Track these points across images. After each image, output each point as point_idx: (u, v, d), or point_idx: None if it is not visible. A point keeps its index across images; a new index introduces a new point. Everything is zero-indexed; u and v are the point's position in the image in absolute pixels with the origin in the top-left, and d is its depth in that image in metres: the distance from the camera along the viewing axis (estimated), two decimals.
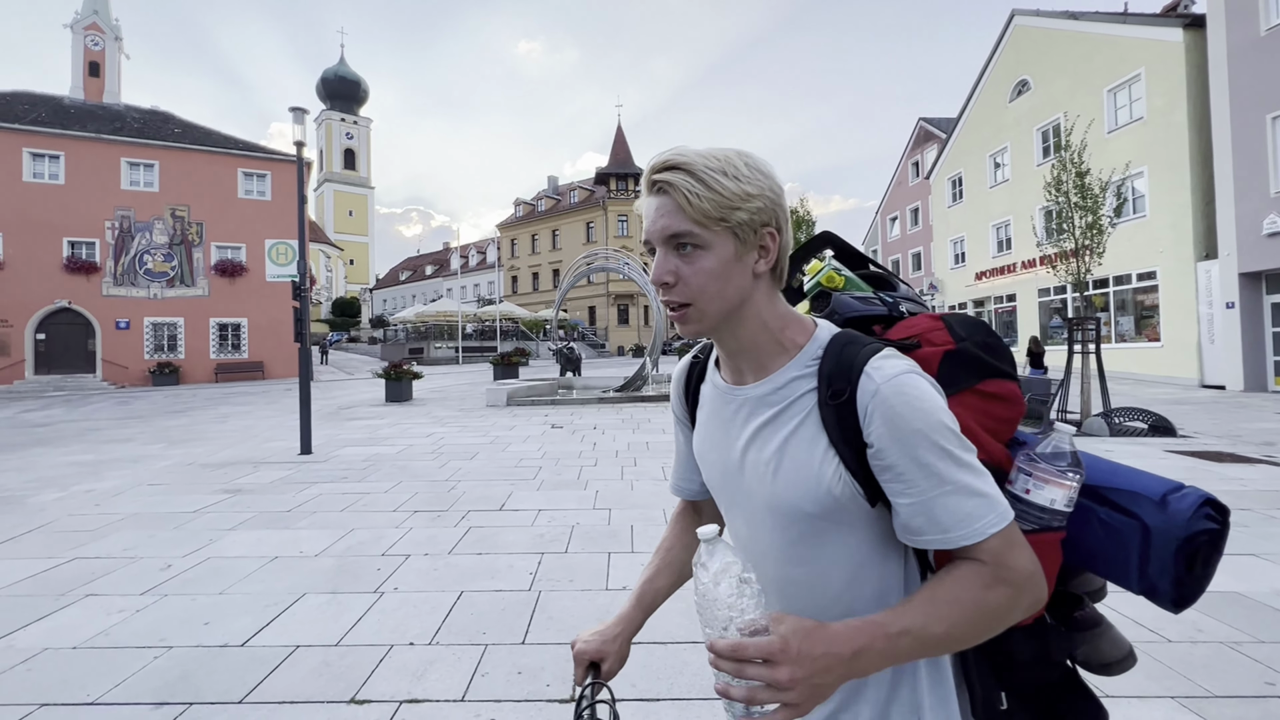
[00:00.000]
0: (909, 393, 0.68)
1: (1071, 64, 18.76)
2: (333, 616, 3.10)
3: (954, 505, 0.67)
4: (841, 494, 0.72)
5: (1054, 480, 0.72)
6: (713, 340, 0.82)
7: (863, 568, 0.76)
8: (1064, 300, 19.48)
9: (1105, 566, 0.76)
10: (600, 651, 0.91)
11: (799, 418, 0.75)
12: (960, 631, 0.67)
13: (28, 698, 2.41)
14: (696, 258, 0.72)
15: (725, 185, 0.70)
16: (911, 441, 0.67)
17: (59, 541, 4.35)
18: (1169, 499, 0.72)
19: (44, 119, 24.44)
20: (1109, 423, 8.35)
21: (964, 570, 0.68)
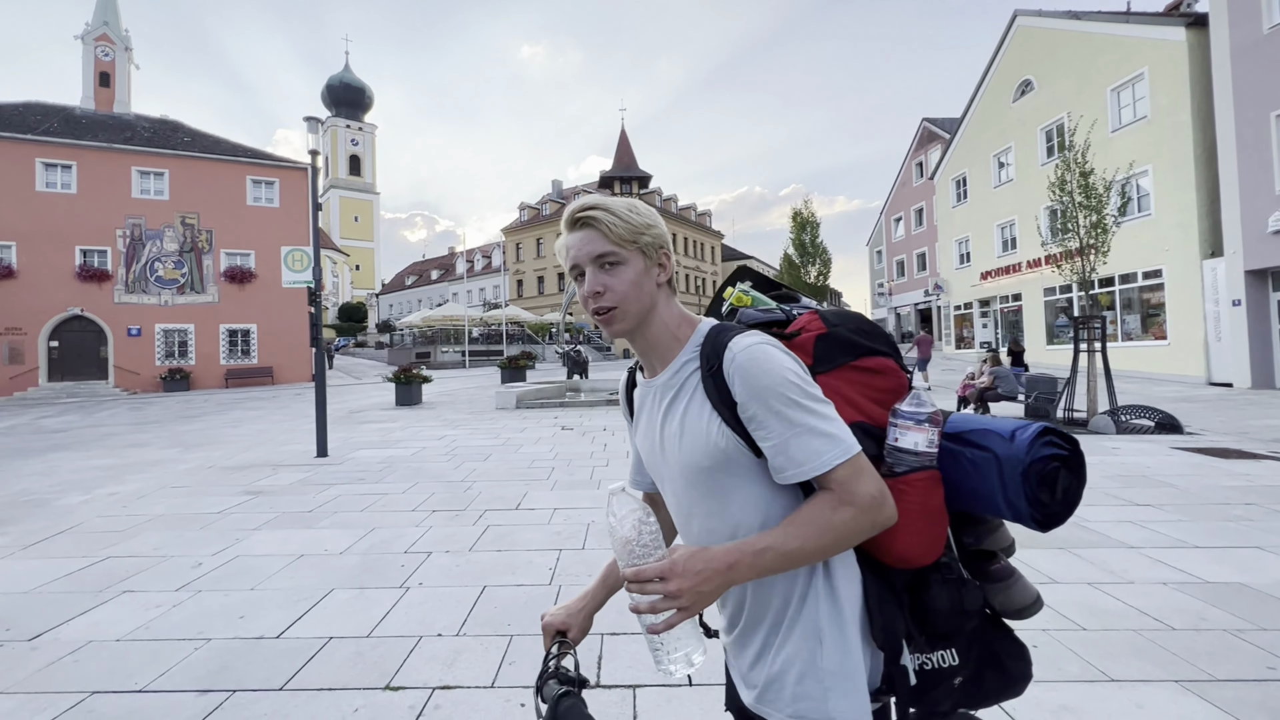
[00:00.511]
0: (757, 356, 0.85)
1: (1075, 64, 18.80)
2: (362, 610, 3.21)
3: (804, 443, 0.82)
4: (727, 446, 0.88)
5: (913, 428, 0.88)
6: (630, 341, 0.98)
7: (769, 511, 0.90)
8: (1070, 299, 19.48)
9: (977, 499, 0.90)
10: (566, 622, 1.06)
11: (691, 391, 0.93)
12: (814, 544, 0.82)
13: (79, 686, 2.53)
14: (618, 271, 0.92)
15: (632, 217, 0.92)
16: (763, 395, 0.84)
17: (90, 542, 4.48)
18: (1015, 434, 0.87)
19: (56, 129, 24.78)
20: (1115, 420, 8.40)
21: (817, 497, 0.84)
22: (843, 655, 0.87)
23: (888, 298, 42.08)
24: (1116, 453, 7.00)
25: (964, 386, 10.00)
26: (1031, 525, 0.86)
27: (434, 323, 38.97)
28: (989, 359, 10.01)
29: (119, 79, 29.11)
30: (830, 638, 0.87)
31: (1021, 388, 9.56)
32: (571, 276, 0.96)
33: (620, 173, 46.84)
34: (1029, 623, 2.71)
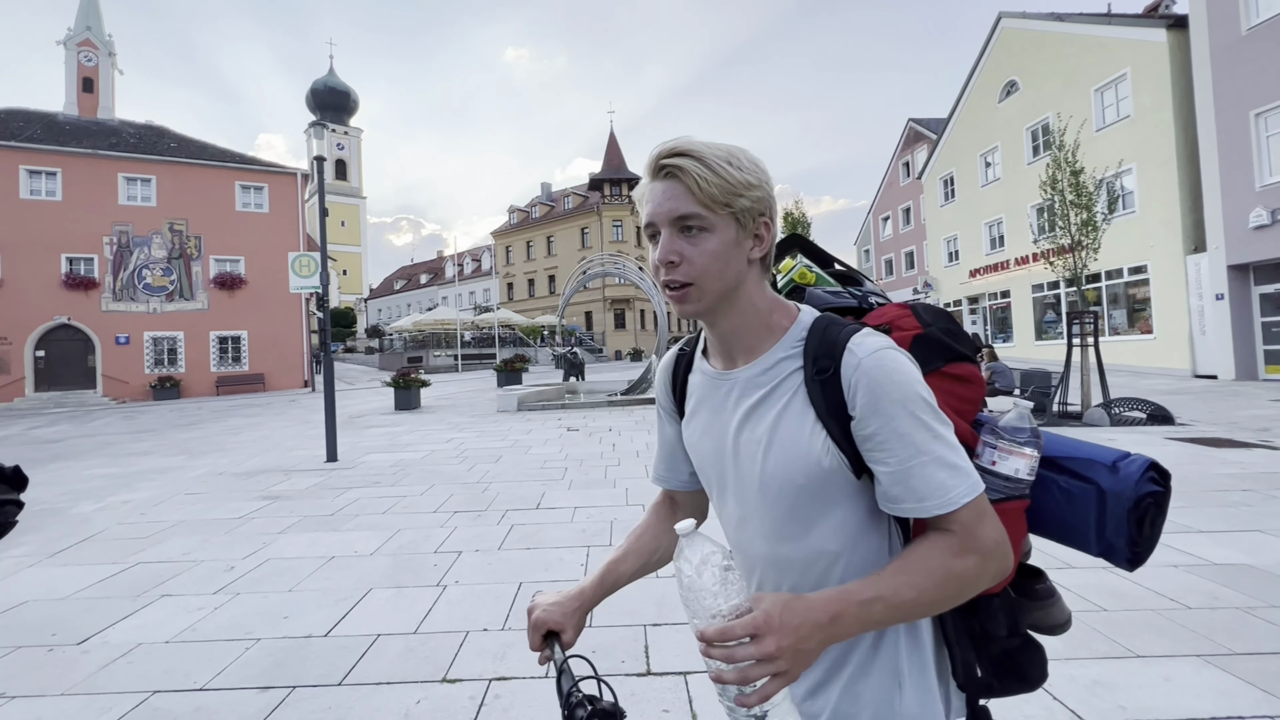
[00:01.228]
0: (888, 365, 0.73)
1: (1059, 65, 19.18)
2: (404, 608, 3.27)
3: (929, 475, 0.71)
4: (830, 465, 0.76)
5: (1016, 451, 0.78)
6: (706, 323, 0.85)
7: (852, 542, 0.80)
8: (1058, 295, 19.85)
9: (1065, 532, 0.83)
10: (560, 623, 0.92)
11: (788, 395, 0.79)
12: (929, 597, 0.71)
13: (139, 686, 2.58)
14: (701, 240, 0.76)
15: (731, 173, 0.75)
16: (891, 411, 0.72)
17: (117, 548, 4.50)
18: (1119, 465, 0.80)
19: (39, 136, 24.45)
20: (1109, 413, 8.62)
21: (934, 540, 0.73)
22: (923, 698, 0.80)
23: None
24: (1113, 443, 7.13)
25: None
26: (1122, 564, 0.80)
27: (425, 327, 38.84)
28: (986, 354, 10.21)
29: (103, 84, 28.73)
30: (911, 680, 0.80)
31: (1017, 383, 9.77)
32: (646, 234, 0.81)
33: (610, 175, 46.91)
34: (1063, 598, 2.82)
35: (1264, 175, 13.16)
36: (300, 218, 27.82)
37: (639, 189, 0.82)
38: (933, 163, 27.63)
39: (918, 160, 34.21)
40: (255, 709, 2.38)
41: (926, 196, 28.99)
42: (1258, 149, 13.23)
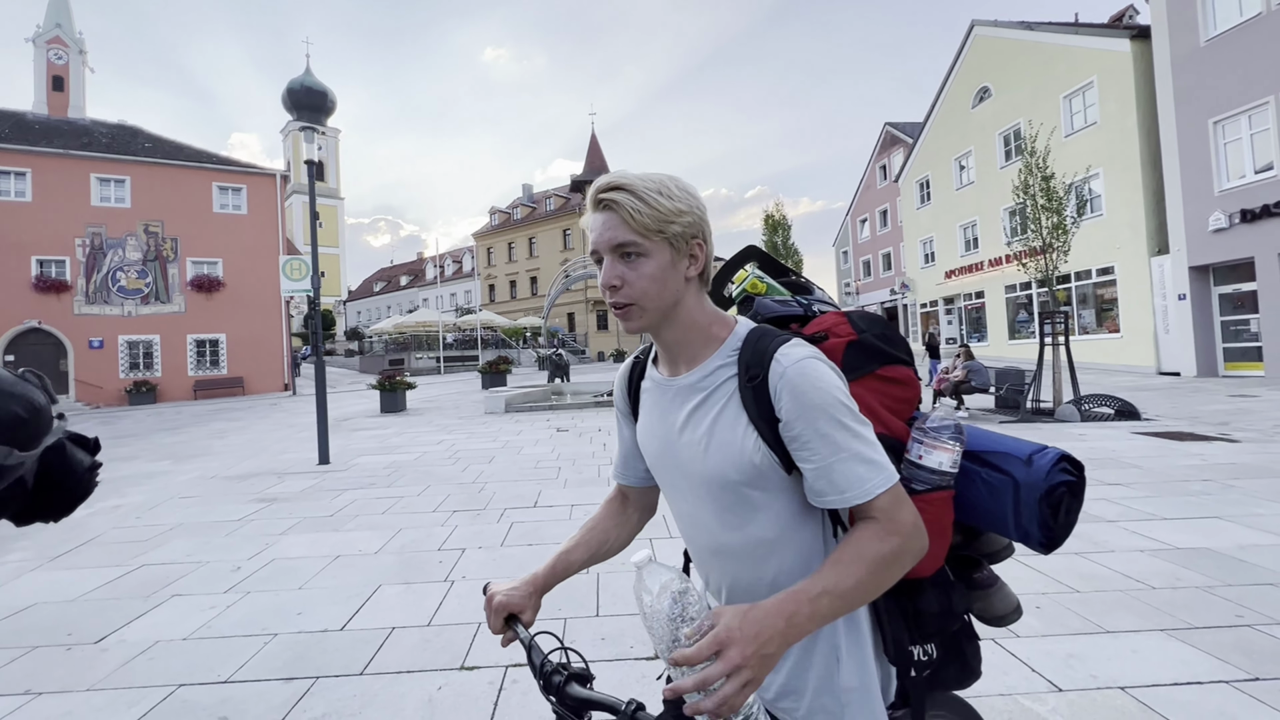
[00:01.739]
0: (809, 374, 0.80)
1: (1029, 72, 19.76)
2: (414, 603, 3.38)
3: (848, 470, 0.79)
4: (761, 463, 0.84)
5: (940, 446, 0.87)
6: (652, 336, 0.93)
7: (787, 530, 0.87)
8: (1030, 296, 20.42)
9: (989, 519, 0.92)
10: (520, 605, 0.99)
11: (724, 400, 0.87)
12: (866, 582, 0.77)
13: (163, 680, 2.66)
14: (639, 264, 0.84)
15: (661, 203, 0.82)
16: (812, 415, 0.79)
17: (118, 551, 4.52)
18: (1033, 458, 0.89)
19: (7, 135, 23.82)
20: (1079, 409, 8.98)
21: (861, 530, 0.80)
22: (861, 672, 0.87)
23: (855, 297, 43.17)
24: (1084, 439, 7.52)
25: (939, 380, 10.51)
26: (1038, 548, 0.89)
27: (407, 329, 38.55)
28: (962, 354, 10.54)
29: (73, 83, 28.05)
30: (848, 654, 0.87)
31: (992, 381, 10.11)
32: (591, 260, 0.90)
33: (591, 175, 46.95)
34: (1033, 583, 3.09)
35: (1222, 180, 13.75)
36: (280, 219, 27.47)
37: (584, 220, 0.89)
38: (909, 166, 28.21)
39: (894, 163, 34.87)
40: (282, 699, 2.48)
41: (903, 199, 29.59)
42: (1216, 155, 13.81)
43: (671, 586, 0.70)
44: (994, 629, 1.07)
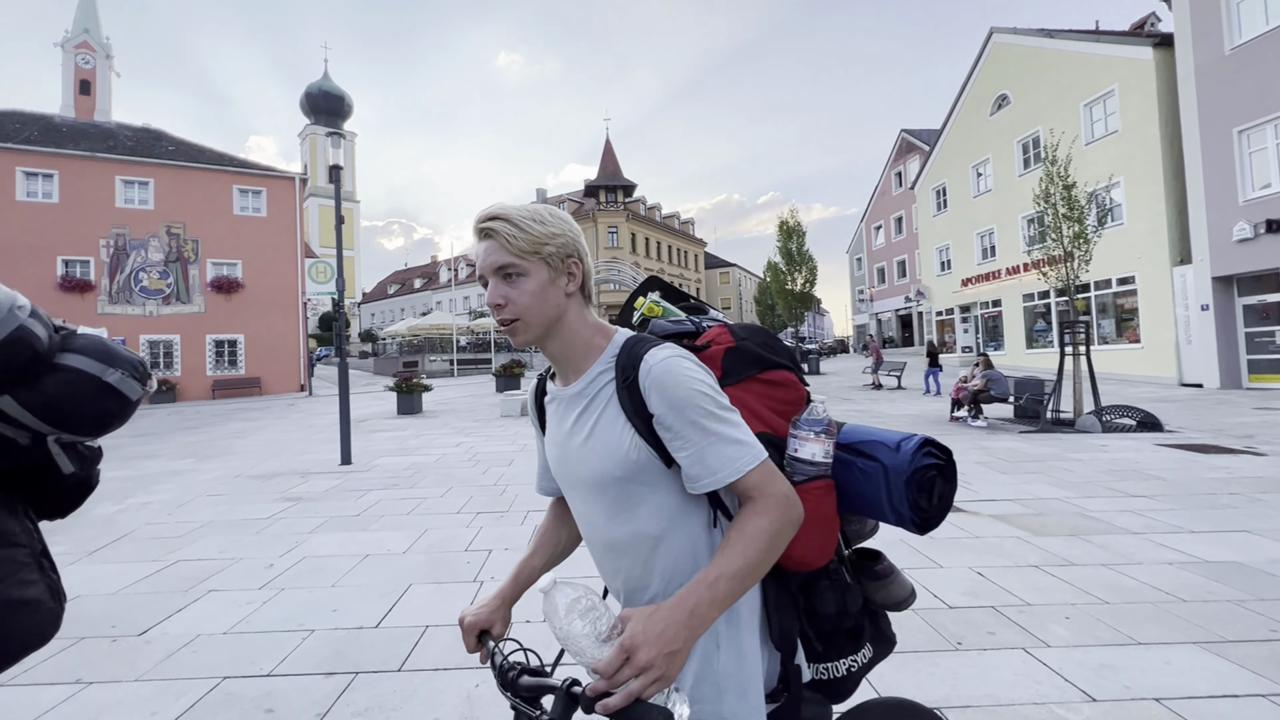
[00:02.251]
0: (672, 369, 0.87)
1: (1048, 79, 19.65)
2: (446, 601, 3.44)
3: (718, 451, 0.85)
4: (640, 458, 0.89)
5: (810, 439, 0.94)
6: (540, 349, 0.98)
7: (672, 522, 0.92)
8: (1048, 305, 20.25)
9: (867, 506, 0.99)
10: (489, 620, 1.05)
11: (604, 403, 0.93)
12: (755, 558, 0.82)
13: (207, 672, 2.73)
14: (519, 283, 0.90)
15: (535, 228, 0.90)
16: (679, 406, 0.85)
17: (151, 548, 4.62)
18: (901, 445, 0.96)
19: (36, 138, 24.37)
20: (1101, 420, 8.90)
21: (741, 513, 0.86)
22: (738, 658, 0.90)
23: (869, 304, 42.99)
24: (1105, 449, 7.46)
25: (957, 389, 10.46)
26: (912, 529, 0.95)
27: (420, 331, 38.84)
28: (981, 362, 10.49)
29: (100, 87, 28.70)
30: (726, 641, 0.90)
31: (1012, 391, 10.05)
32: (481, 285, 0.96)
33: (605, 181, 47.23)
34: (1061, 593, 3.10)
35: (1247, 190, 13.59)
36: (298, 222, 27.85)
37: (471, 249, 0.98)
38: (925, 173, 28.10)
39: (910, 170, 34.74)
40: (324, 693, 2.54)
41: (919, 206, 29.46)
42: (1241, 164, 13.66)
43: (578, 605, 0.74)
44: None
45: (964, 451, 7.52)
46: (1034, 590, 3.39)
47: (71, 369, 1.03)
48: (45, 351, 1.01)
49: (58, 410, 1.02)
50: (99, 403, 1.06)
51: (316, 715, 2.38)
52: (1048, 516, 4.74)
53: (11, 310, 0.97)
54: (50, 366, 1.02)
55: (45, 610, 1.02)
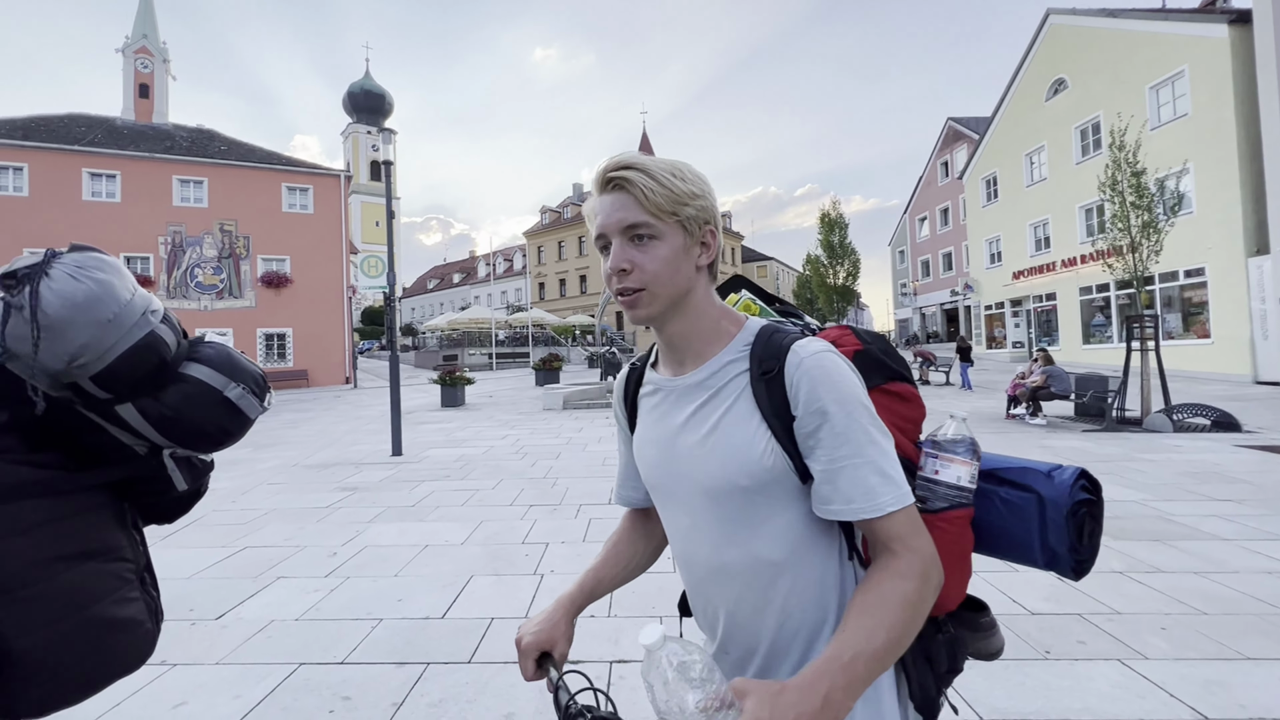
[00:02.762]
0: (828, 366, 0.75)
1: (1110, 62, 18.73)
2: (508, 594, 3.44)
3: (860, 477, 0.72)
4: (773, 465, 0.76)
5: (957, 460, 0.82)
6: (656, 329, 0.86)
7: (799, 547, 0.79)
8: (1107, 299, 19.38)
9: (1010, 544, 0.84)
10: (550, 640, 0.92)
11: (733, 397, 0.80)
12: (897, 633, 0.69)
13: (284, 658, 2.78)
14: (651, 247, 0.78)
15: (676, 184, 0.78)
16: (830, 410, 0.73)
17: (222, 534, 4.77)
18: (1053, 474, 0.83)
19: (100, 140, 25.54)
20: (1171, 419, 8.45)
21: (879, 570, 0.72)
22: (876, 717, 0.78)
23: (912, 298, 41.92)
24: (1179, 450, 7.07)
25: (1014, 385, 10.07)
26: (1068, 573, 0.82)
27: (460, 325, 39.48)
28: (1040, 358, 10.08)
29: (157, 90, 29.92)
30: (863, 703, 0.76)
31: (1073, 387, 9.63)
32: (597, 248, 0.83)
33: None
34: (1153, 603, 2.92)
35: None
36: (343, 218, 28.57)
37: (588, 205, 0.84)
38: (974, 162, 27.17)
39: (957, 160, 33.66)
40: (398, 682, 2.55)
41: (967, 197, 28.51)
42: None
43: (691, 671, 0.63)
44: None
45: (1026, 451, 7.22)
46: (1122, 598, 3.20)
47: (194, 380, 1.01)
48: (171, 360, 1.00)
49: (176, 425, 0.99)
50: (217, 418, 1.04)
51: (392, 705, 2.39)
52: (1125, 520, 4.50)
53: (145, 315, 0.95)
54: (174, 375, 1.00)
55: (141, 633, 0.98)
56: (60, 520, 0.89)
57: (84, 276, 0.89)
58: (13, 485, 0.84)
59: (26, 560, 0.83)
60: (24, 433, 0.88)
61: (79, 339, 0.86)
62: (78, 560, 0.89)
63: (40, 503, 0.87)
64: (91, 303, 0.88)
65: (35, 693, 0.84)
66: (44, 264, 0.88)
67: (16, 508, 0.84)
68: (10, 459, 0.85)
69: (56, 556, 0.87)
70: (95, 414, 0.94)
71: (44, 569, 0.85)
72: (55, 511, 0.88)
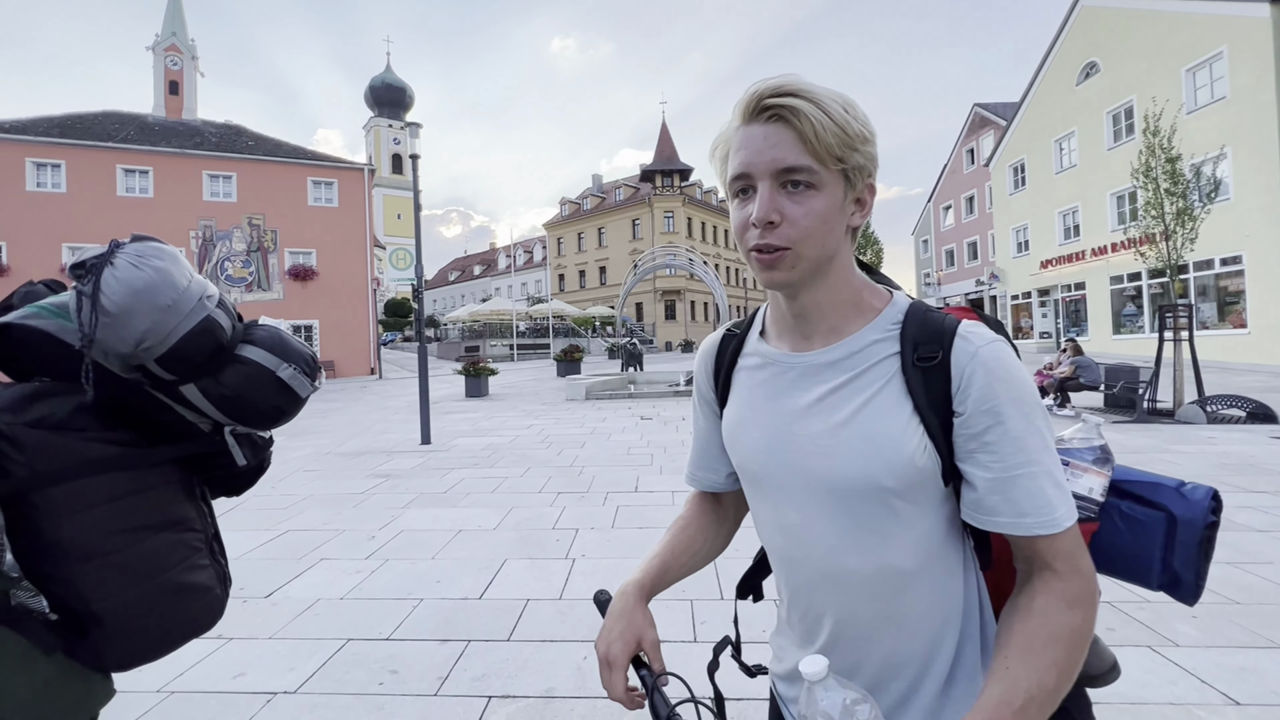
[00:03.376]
0: (1007, 359, 0.66)
1: (1145, 44, 18.21)
2: (542, 578, 3.55)
3: (1036, 488, 0.64)
4: (924, 465, 0.67)
5: (1091, 469, 0.74)
6: (787, 296, 0.75)
7: (930, 558, 0.71)
8: (1139, 288, 18.95)
9: (1124, 563, 0.75)
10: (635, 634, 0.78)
11: (879, 384, 0.70)
12: (1069, 671, 0.62)
13: (333, 634, 2.91)
14: (807, 198, 0.66)
15: (849, 122, 0.65)
16: (1007, 411, 0.64)
17: (263, 518, 4.95)
18: (1184, 490, 0.72)
19: (132, 136, 26.17)
20: (1205, 410, 8.29)
21: (1043, 595, 0.64)
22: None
23: (935, 288, 41.30)
24: (1214, 442, 6.95)
25: (1041, 376, 9.94)
26: (1186, 598, 0.73)
27: (481, 317, 39.87)
28: (1069, 348, 9.93)
29: (187, 87, 30.53)
30: None
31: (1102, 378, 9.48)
32: (730, 189, 0.71)
33: (661, 165, 46.86)
34: None
35: None
36: (367, 211, 28.96)
37: (725, 134, 0.70)
38: (1002, 149, 26.64)
39: (983, 147, 32.99)
40: (443, 657, 2.67)
41: (994, 184, 27.98)
42: None
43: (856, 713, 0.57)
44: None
45: None
46: (1147, 598, 3.20)
47: (250, 361, 1.07)
48: (228, 342, 1.06)
49: (235, 404, 1.06)
50: (272, 397, 1.10)
51: (438, 678, 2.51)
52: None
53: (201, 300, 1.01)
54: (231, 357, 1.07)
55: (210, 597, 1.05)
56: (135, 494, 0.96)
57: (144, 265, 0.95)
58: (91, 460, 0.91)
59: (106, 530, 0.91)
60: (100, 413, 0.95)
61: (142, 324, 0.93)
62: (151, 530, 0.97)
63: (116, 477, 0.94)
64: (152, 289, 0.94)
65: (118, 649, 0.93)
66: (108, 254, 0.94)
67: (95, 481, 0.91)
68: (88, 436, 0.92)
69: (132, 527, 0.94)
70: (163, 394, 1.02)
71: (121, 538, 0.92)
72: (130, 485, 0.95)
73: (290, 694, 2.43)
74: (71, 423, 0.91)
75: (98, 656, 0.92)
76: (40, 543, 0.87)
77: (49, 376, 0.98)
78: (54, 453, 0.88)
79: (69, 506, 0.88)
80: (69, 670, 0.90)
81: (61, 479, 0.88)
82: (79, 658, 0.90)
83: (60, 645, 0.88)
